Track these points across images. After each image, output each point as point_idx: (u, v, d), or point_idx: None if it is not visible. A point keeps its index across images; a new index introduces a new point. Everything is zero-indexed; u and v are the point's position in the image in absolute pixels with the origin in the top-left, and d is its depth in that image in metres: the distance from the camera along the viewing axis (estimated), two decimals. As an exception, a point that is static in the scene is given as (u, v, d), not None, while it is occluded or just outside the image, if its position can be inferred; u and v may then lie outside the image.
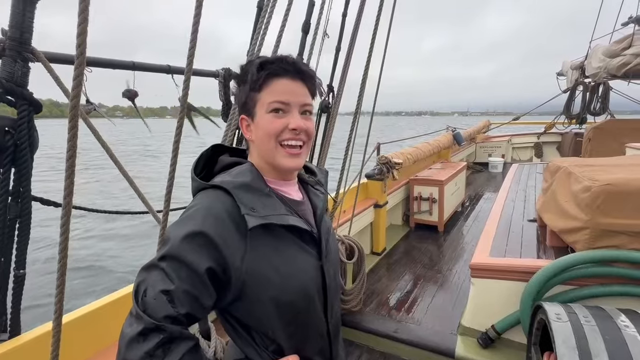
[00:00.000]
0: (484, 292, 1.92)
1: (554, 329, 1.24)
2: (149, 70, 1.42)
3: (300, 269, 0.73)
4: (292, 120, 0.70)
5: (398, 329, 2.15)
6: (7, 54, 1.00)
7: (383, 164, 3.27)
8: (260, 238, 0.68)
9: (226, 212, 0.66)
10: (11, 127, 1.05)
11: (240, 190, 0.68)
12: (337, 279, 0.88)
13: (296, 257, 0.73)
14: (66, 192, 0.69)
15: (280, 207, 0.71)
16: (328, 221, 0.86)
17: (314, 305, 0.76)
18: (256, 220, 0.65)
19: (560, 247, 2.00)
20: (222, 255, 0.64)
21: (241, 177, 0.71)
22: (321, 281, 0.77)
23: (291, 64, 0.70)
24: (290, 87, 0.70)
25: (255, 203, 0.68)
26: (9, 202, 1.10)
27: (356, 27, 2.07)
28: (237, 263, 0.65)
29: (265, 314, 0.70)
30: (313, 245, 0.77)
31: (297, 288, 0.72)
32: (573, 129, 6.92)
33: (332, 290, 0.81)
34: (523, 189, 3.45)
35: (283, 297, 0.70)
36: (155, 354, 0.57)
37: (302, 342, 0.76)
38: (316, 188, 0.85)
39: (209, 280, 0.63)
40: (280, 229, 0.70)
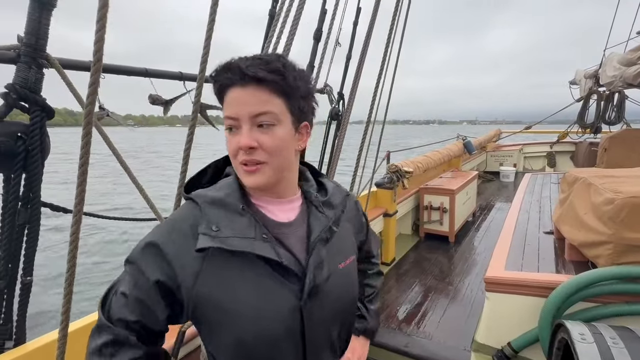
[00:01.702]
0: (500, 307, 1.85)
1: (579, 351, 1.17)
2: (162, 77, 1.42)
3: (263, 306, 0.61)
4: (238, 139, 0.61)
5: (409, 344, 2.08)
6: (22, 60, 1.01)
7: (393, 173, 3.23)
8: (219, 260, 0.61)
9: (189, 227, 0.62)
10: (23, 133, 1.05)
11: (210, 206, 0.62)
12: (339, 329, 0.72)
13: (262, 290, 0.61)
14: (77, 199, 0.68)
15: (250, 230, 0.62)
16: (340, 254, 0.72)
17: (280, 351, 0.63)
18: (206, 242, 0.59)
19: (580, 261, 1.92)
20: (174, 271, 0.60)
21: (217, 191, 0.65)
22: (299, 326, 0.64)
23: (236, 69, 0.59)
24: (239, 97, 0.60)
25: (222, 221, 0.61)
26: (18, 207, 1.10)
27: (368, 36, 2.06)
28: (189, 283, 0.60)
29: (219, 349, 0.64)
30: (295, 279, 0.64)
31: (254, 328, 0.61)
32: (587, 139, 6.77)
33: (319, 339, 0.68)
34: (537, 200, 3.35)
35: (236, 334, 0.61)
36: (102, 351, 0.59)
37: None
38: (320, 210, 0.71)
39: (159, 292, 0.60)
40: (251, 255, 0.61)
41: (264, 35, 2.09)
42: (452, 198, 3.70)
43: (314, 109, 0.70)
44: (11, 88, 1.00)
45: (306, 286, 0.63)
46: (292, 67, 0.63)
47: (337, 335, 0.73)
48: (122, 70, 1.34)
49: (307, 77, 0.66)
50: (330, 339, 0.71)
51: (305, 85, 0.65)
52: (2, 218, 1.09)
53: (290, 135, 0.64)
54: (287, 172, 0.67)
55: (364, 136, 2.05)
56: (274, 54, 0.64)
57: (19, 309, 1.15)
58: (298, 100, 0.64)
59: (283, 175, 0.66)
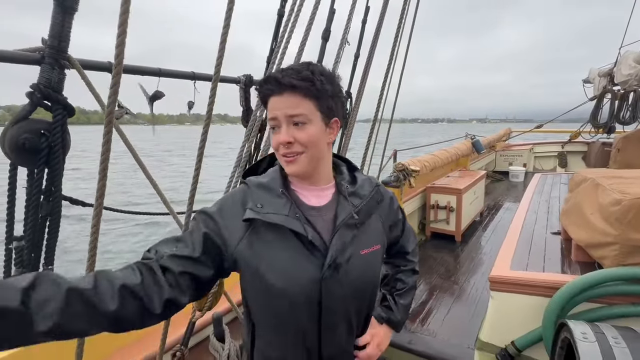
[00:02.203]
0: (504, 306, 1.85)
1: (580, 349, 1.18)
2: (174, 76, 1.47)
3: (287, 271, 0.74)
4: (278, 136, 0.75)
5: (412, 340, 2.10)
6: (46, 61, 1.06)
7: (400, 171, 3.24)
8: (261, 231, 0.75)
9: (240, 201, 0.77)
10: (46, 130, 1.11)
11: (257, 188, 0.78)
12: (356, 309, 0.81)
13: (289, 259, 0.74)
14: (98, 193, 0.73)
15: (286, 209, 0.76)
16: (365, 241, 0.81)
17: (296, 314, 0.75)
18: (251, 214, 0.73)
19: (586, 262, 1.92)
20: (221, 232, 0.75)
21: (265, 177, 0.80)
22: (317, 296, 0.74)
23: (273, 81, 0.73)
24: (277, 103, 0.74)
25: (264, 200, 0.76)
26: (41, 200, 1.16)
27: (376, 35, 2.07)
28: (234, 242, 0.75)
29: (252, 296, 0.78)
30: (319, 255, 0.75)
31: (278, 287, 0.73)
32: (600, 139, 6.63)
33: (336, 312, 0.77)
34: (546, 200, 3.32)
35: (266, 290, 0.74)
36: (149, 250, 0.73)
37: (283, 345, 0.78)
38: (349, 199, 0.81)
39: (204, 240, 0.73)
40: (285, 229, 0.74)
41: (273, 34, 2.12)
42: (459, 197, 3.69)
43: (343, 105, 0.83)
44: (36, 88, 1.06)
45: (326, 262, 0.74)
46: (320, 72, 0.75)
47: (354, 313, 0.82)
48: (136, 70, 1.39)
49: (334, 79, 0.78)
50: (347, 315, 0.80)
51: (333, 86, 0.77)
52: (25, 210, 1.16)
53: (321, 131, 0.76)
54: (320, 161, 0.79)
55: (370, 134, 2.07)
56: (304, 63, 0.77)
57: (40, 296, 1.22)
58: (327, 100, 0.76)
59: (317, 164, 0.78)
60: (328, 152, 0.82)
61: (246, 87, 1.75)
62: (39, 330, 0.53)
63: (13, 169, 1.12)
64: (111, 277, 0.62)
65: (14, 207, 1.17)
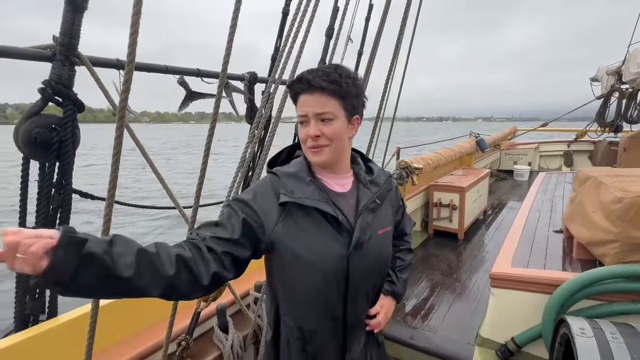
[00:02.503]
0: (504, 303, 1.87)
1: (578, 344, 1.20)
2: (181, 73, 1.50)
3: (321, 249, 0.83)
4: (307, 130, 0.84)
5: (414, 336, 2.13)
6: (57, 58, 1.10)
7: (402, 169, 3.25)
8: (295, 214, 0.84)
9: (272, 188, 0.86)
10: (57, 125, 1.15)
11: (285, 177, 0.87)
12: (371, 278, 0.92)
13: (321, 238, 0.84)
14: (110, 185, 0.76)
15: (315, 194, 0.85)
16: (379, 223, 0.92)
17: (329, 288, 0.86)
18: (286, 198, 0.83)
19: (587, 260, 1.92)
20: (258, 216, 0.83)
21: (290, 168, 0.90)
22: (345, 270, 0.85)
23: (305, 82, 0.83)
24: (308, 101, 0.83)
25: (295, 187, 0.85)
26: (52, 193, 1.20)
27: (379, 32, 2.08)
28: (271, 225, 0.83)
29: (286, 278, 0.86)
30: (346, 235, 0.86)
31: (313, 263, 0.83)
32: (607, 138, 6.56)
33: (359, 285, 0.88)
34: (550, 199, 3.31)
35: (300, 265, 0.83)
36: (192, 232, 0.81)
37: (314, 323, 0.88)
38: (367, 187, 0.93)
39: (243, 225, 0.81)
40: (315, 212, 0.84)
41: (277, 32, 2.15)
42: (462, 195, 3.69)
43: (364, 104, 0.92)
44: (47, 84, 1.09)
45: (353, 241, 0.85)
46: (347, 75, 0.85)
47: (371, 286, 0.95)
48: (144, 67, 1.42)
49: (358, 81, 0.88)
50: (365, 287, 0.92)
51: (357, 88, 0.87)
52: (37, 202, 1.20)
53: (344, 126, 0.86)
54: (342, 153, 0.89)
55: (373, 132, 2.08)
56: (332, 65, 0.88)
57: (51, 286, 1.26)
58: (351, 99, 0.86)
59: (339, 155, 0.88)
60: (348, 146, 0.92)
61: (250, 84, 1.78)
62: (124, 276, 0.63)
63: (25, 163, 1.16)
64: (168, 248, 0.72)
65: (26, 200, 1.22)
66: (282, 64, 1.26)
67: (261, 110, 1.22)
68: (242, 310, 1.67)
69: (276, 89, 1.31)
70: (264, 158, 1.29)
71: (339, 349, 0.92)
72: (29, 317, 1.22)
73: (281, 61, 1.26)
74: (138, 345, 1.35)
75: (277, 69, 1.22)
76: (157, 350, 1.37)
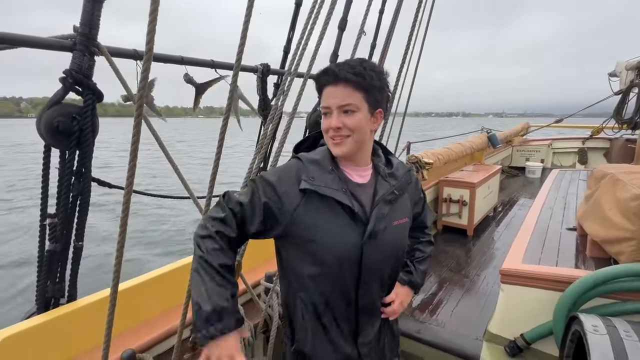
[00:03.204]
0: (514, 299, 1.86)
1: (590, 342, 1.19)
2: (196, 64, 1.51)
3: (336, 236, 0.86)
4: (330, 121, 0.86)
5: (421, 330, 2.13)
6: (77, 48, 1.12)
7: (413, 164, 3.23)
8: (314, 200, 0.86)
9: (295, 173, 0.88)
10: (77, 114, 1.17)
11: (309, 163, 0.89)
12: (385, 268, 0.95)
13: (337, 226, 0.86)
14: (129, 174, 0.77)
15: (335, 183, 0.87)
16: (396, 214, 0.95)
17: (342, 273, 0.89)
18: (307, 185, 0.85)
19: (601, 257, 1.89)
20: (280, 199, 0.86)
21: (315, 155, 0.92)
22: (358, 257, 0.88)
23: (331, 73, 0.84)
24: (331, 93, 0.85)
25: (316, 174, 0.87)
26: (72, 180, 1.23)
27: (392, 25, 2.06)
28: (291, 208, 0.86)
29: (301, 259, 0.88)
30: (361, 224, 0.88)
31: (328, 249, 0.86)
32: (624, 135, 6.38)
33: (371, 271, 0.91)
34: (563, 196, 3.26)
35: (315, 250, 0.86)
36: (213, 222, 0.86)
37: (328, 300, 0.90)
38: (385, 179, 0.95)
39: (264, 210, 0.86)
40: (333, 200, 0.86)
41: (290, 24, 2.14)
42: (473, 191, 3.65)
43: (388, 98, 0.93)
44: (68, 73, 1.12)
45: (367, 230, 0.88)
46: (372, 68, 0.86)
47: (386, 275, 0.98)
48: (160, 58, 1.44)
49: (382, 76, 0.89)
50: (380, 275, 0.95)
51: (381, 82, 0.88)
52: (58, 190, 1.23)
53: (366, 119, 0.87)
54: (363, 145, 0.90)
55: (384, 126, 2.07)
56: (358, 59, 0.89)
57: (71, 270, 1.31)
58: (374, 93, 0.87)
59: (360, 147, 0.90)
60: (370, 138, 0.93)
61: (263, 76, 1.78)
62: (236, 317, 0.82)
63: (47, 150, 1.19)
64: (229, 271, 0.84)
65: (47, 186, 1.25)
66: (298, 57, 1.26)
67: (278, 102, 1.22)
68: (253, 299, 1.70)
69: (291, 81, 1.31)
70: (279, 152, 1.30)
71: (351, 331, 0.95)
72: (50, 300, 1.27)
73: (297, 54, 1.26)
74: (154, 330, 1.39)
75: (292, 61, 1.22)
76: (171, 335, 1.40)
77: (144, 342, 1.33)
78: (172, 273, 1.56)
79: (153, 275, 1.49)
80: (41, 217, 1.23)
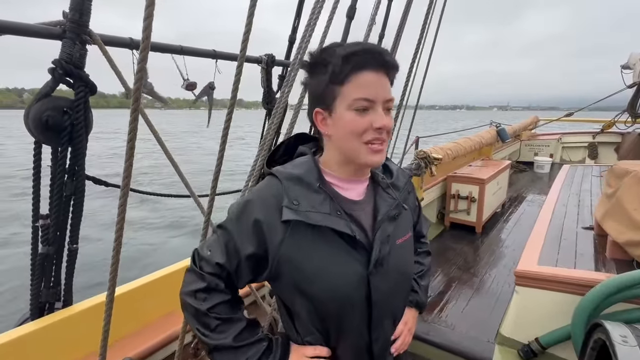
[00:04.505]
0: (529, 302, 1.79)
1: (619, 353, 1.11)
2: (196, 54, 1.42)
3: (335, 271, 0.69)
4: (377, 119, 0.66)
5: (430, 331, 2.07)
6: (67, 36, 1.03)
7: (421, 159, 3.13)
8: (301, 230, 0.68)
9: (274, 198, 0.69)
10: (69, 108, 1.09)
11: (290, 182, 0.69)
12: (397, 297, 0.79)
13: (335, 258, 0.69)
14: (125, 173, 0.70)
15: (325, 206, 0.69)
16: (399, 231, 0.78)
17: (349, 314, 0.72)
18: (291, 215, 0.66)
19: (623, 260, 1.81)
20: (265, 239, 0.68)
21: (295, 169, 0.71)
22: (366, 293, 0.71)
23: (377, 55, 0.65)
24: (375, 81, 0.66)
25: (300, 196, 0.68)
26: (65, 179, 1.16)
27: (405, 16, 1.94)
28: (275, 246, 0.69)
29: (300, 304, 0.72)
30: (363, 251, 0.71)
31: (328, 289, 0.69)
32: (637, 129, 6.22)
33: (383, 307, 0.75)
34: (576, 193, 3.16)
35: (316, 294, 0.70)
36: (197, 295, 0.70)
37: (338, 347, 0.75)
38: (387, 191, 0.78)
39: (249, 263, 0.70)
40: (327, 228, 0.68)
41: (296, 10, 2.03)
42: (482, 188, 3.56)
43: None
44: (57, 63, 1.03)
45: (372, 258, 0.70)
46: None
47: (397, 305, 0.81)
48: (158, 47, 1.34)
49: None
50: (391, 308, 0.79)
51: None
52: (50, 189, 1.16)
53: None
54: None
55: (395, 121, 1.98)
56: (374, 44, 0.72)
57: (66, 274, 1.24)
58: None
59: None
60: None
61: (268, 67, 1.69)
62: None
63: (37, 147, 1.12)
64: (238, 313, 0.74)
65: (39, 186, 1.18)
66: (304, 47, 1.16)
67: (283, 94, 1.14)
68: (258, 301, 1.64)
69: (296, 73, 1.22)
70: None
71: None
72: (45, 305, 1.20)
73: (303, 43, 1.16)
74: (156, 334, 1.33)
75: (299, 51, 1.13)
76: (172, 341, 1.35)
77: (143, 348, 1.28)
78: (172, 275, 1.50)
79: (152, 278, 1.44)
80: (33, 218, 1.16)
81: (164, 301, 1.47)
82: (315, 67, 0.69)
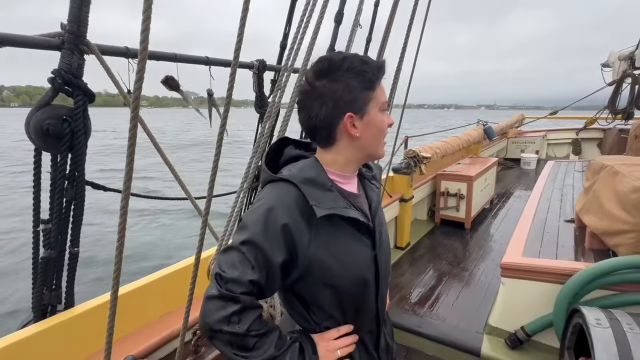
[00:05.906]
0: (515, 292, 1.87)
1: (594, 335, 1.19)
2: (189, 61, 1.47)
3: (357, 258, 0.80)
4: (390, 118, 0.82)
5: (422, 324, 2.14)
6: (65, 47, 1.07)
7: (410, 158, 3.22)
8: (323, 228, 0.75)
9: (295, 202, 0.73)
10: (68, 116, 1.13)
11: (305, 185, 0.75)
12: (388, 267, 0.93)
13: (353, 247, 0.80)
14: (126, 177, 0.74)
15: (341, 201, 0.77)
16: (381, 214, 0.91)
17: (368, 291, 0.84)
18: (323, 211, 0.72)
19: (600, 249, 1.91)
20: (295, 244, 0.72)
21: (307, 172, 0.77)
22: (374, 269, 0.84)
23: (383, 68, 0.78)
24: (382, 88, 0.79)
25: (319, 196, 0.74)
26: (65, 185, 1.19)
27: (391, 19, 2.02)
28: (304, 249, 0.73)
29: (324, 295, 0.79)
30: (368, 235, 0.82)
31: (354, 275, 0.80)
32: (617, 125, 6.43)
33: (384, 278, 0.88)
34: (559, 188, 3.28)
35: (341, 282, 0.78)
36: (231, 320, 0.69)
37: (355, 322, 0.85)
38: (372, 182, 0.91)
39: (280, 270, 0.73)
40: (340, 220, 0.76)
41: (287, 18, 2.09)
42: (470, 184, 3.67)
43: None
44: (57, 73, 1.07)
45: (376, 240, 0.83)
46: None
47: (388, 270, 0.93)
48: (152, 55, 1.39)
49: None
50: (388, 274, 0.92)
51: None
52: (51, 195, 1.19)
53: None
54: None
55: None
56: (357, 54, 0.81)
57: (67, 277, 1.28)
58: None
59: None
60: None
61: (259, 72, 1.74)
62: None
63: (38, 154, 1.15)
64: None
65: (39, 191, 1.21)
66: (294, 52, 1.22)
67: (273, 100, 1.19)
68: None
69: (288, 77, 1.27)
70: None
71: (374, 343, 0.91)
72: (47, 308, 1.23)
73: (294, 48, 1.22)
74: (157, 333, 1.37)
75: (289, 56, 1.18)
76: (173, 339, 1.38)
77: (144, 346, 1.31)
78: (172, 275, 1.54)
79: (153, 278, 1.47)
80: (34, 223, 1.19)
81: (164, 301, 1.50)
82: (341, 75, 0.74)
